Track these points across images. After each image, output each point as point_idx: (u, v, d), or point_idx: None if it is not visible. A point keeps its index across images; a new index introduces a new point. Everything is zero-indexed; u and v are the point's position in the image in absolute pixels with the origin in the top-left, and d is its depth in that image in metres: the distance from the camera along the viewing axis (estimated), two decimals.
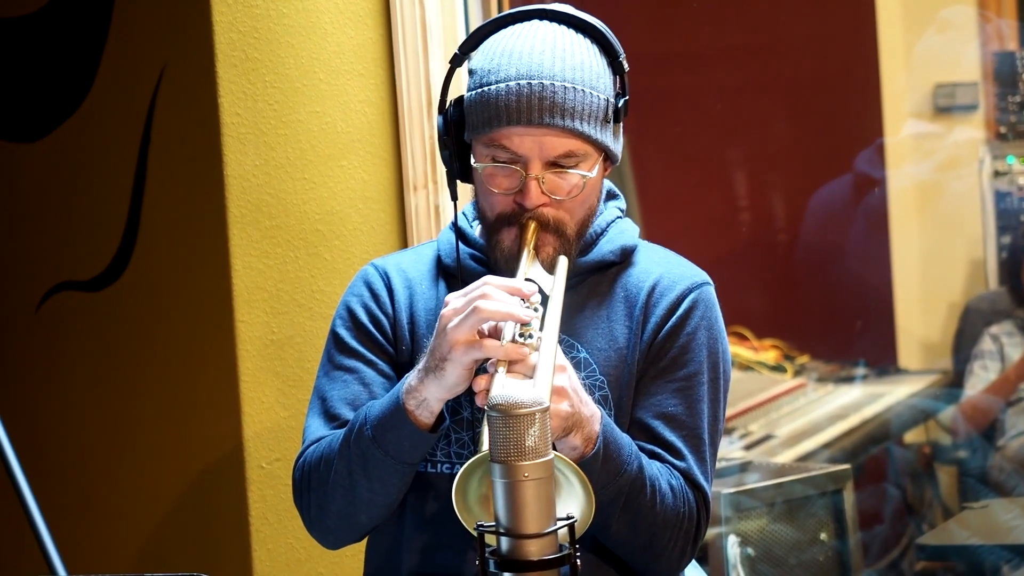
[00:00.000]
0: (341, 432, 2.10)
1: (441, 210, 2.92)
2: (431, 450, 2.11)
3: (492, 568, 1.64)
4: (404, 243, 2.95)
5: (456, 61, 2.16)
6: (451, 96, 2.17)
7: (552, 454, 1.64)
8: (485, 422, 1.82)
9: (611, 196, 2.26)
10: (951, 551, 3.94)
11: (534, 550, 1.62)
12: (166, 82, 2.96)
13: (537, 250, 2.09)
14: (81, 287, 3.18)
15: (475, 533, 1.68)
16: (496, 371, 1.91)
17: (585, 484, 1.70)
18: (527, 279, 2.04)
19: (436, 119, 2.18)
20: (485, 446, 1.78)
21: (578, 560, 1.64)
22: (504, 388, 1.66)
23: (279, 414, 2.87)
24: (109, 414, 3.17)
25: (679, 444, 2.11)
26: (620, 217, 2.24)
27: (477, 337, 1.95)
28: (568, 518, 1.65)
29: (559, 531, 1.64)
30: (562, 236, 2.10)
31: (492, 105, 2.07)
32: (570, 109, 2.05)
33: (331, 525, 2.13)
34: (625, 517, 2.03)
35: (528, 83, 2.05)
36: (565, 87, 2.06)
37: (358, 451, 2.05)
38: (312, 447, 2.14)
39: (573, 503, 1.70)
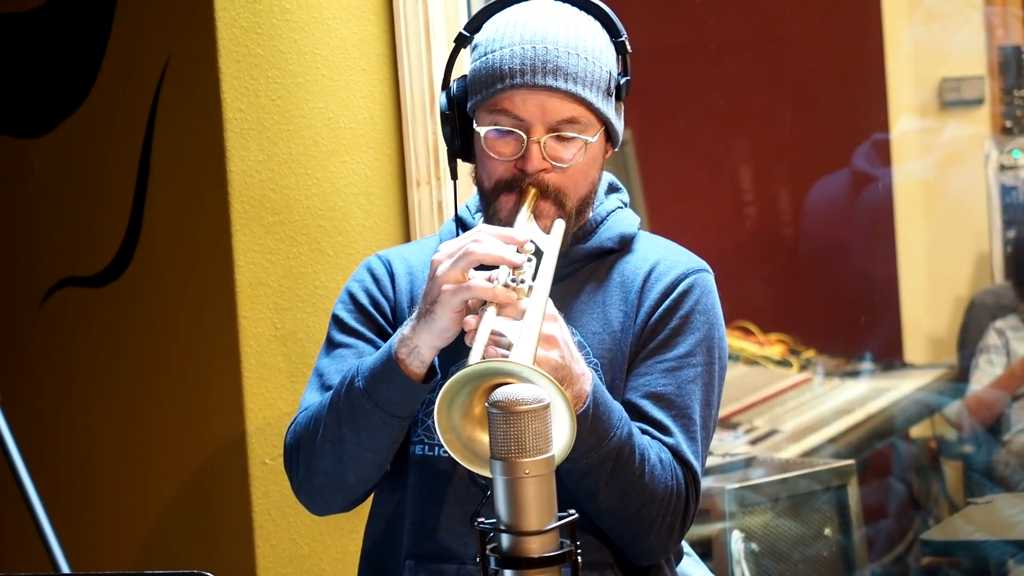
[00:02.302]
0: (332, 391, 2.11)
1: (444, 205, 2.92)
2: (429, 433, 2.11)
3: (493, 565, 1.64)
4: (407, 238, 2.94)
5: (461, 40, 2.17)
6: (454, 77, 2.17)
7: (552, 452, 1.64)
8: (472, 347, 1.86)
9: (614, 189, 2.27)
10: (956, 546, 3.94)
11: (535, 547, 1.62)
12: (169, 78, 2.96)
13: (536, 218, 2.08)
14: (85, 283, 3.18)
15: (447, 449, 1.76)
16: (486, 311, 1.91)
17: (566, 399, 1.71)
18: None
19: (439, 97, 2.18)
20: (471, 360, 1.81)
21: (579, 557, 1.64)
22: (510, 386, 1.65)
23: (282, 410, 2.87)
24: (112, 410, 3.17)
25: (667, 422, 2.10)
26: (621, 207, 2.25)
27: (466, 279, 1.96)
28: (569, 514, 1.65)
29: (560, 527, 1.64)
30: (562, 207, 2.10)
31: (495, 69, 2.08)
32: (573, 74, 2.06)
33: (319, 485, 2.13)
34: (613, 485, 2.01)
35: (532, 47, 2.07)
36: (568, 52, 2.07)
37: (348, 404, 2.05)
38: (303, 412, 2.15)
39: (555, 423, 1.69)
